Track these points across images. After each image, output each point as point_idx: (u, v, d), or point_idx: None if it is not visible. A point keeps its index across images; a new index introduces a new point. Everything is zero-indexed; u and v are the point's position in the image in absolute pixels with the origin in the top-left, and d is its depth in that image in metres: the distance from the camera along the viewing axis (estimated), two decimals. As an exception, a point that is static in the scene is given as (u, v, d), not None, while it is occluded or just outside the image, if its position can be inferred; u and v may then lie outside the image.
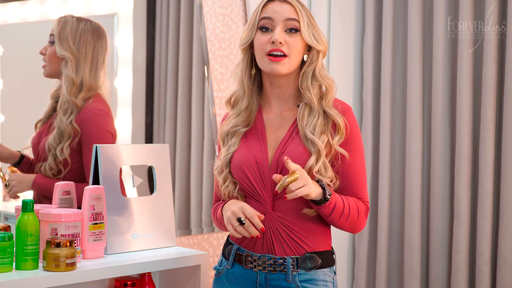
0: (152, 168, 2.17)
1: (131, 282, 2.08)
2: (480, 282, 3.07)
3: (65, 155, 2.49)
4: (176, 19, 3.18)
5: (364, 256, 3.50)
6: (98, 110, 2.53)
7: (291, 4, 1.93)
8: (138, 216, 2.11)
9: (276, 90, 1.98)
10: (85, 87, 2.55)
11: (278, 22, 1.91)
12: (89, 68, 2.57)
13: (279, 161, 1.91)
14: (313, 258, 1.93)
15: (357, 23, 3.60)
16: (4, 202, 2.94)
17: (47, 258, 1.80)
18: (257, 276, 1.94)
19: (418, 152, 3.30)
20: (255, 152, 1.94)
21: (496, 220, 3.11)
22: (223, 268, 2.01)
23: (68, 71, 2.53)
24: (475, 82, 3.16)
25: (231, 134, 1.99)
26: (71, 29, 2.56)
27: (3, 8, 2.98)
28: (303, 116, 1.93)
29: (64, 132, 2.51)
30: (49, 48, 2.59)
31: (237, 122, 1.98)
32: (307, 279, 1.93)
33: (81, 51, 2.56)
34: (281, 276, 1.92)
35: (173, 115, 3.19)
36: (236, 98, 2.02)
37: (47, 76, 2.62)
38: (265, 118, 1.99)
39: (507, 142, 3.01)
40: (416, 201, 3.29)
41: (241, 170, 1.94)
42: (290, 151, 1.91)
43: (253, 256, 1.94)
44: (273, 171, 1.91)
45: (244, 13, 3.36)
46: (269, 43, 1.90)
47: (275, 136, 1.96)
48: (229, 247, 2.01)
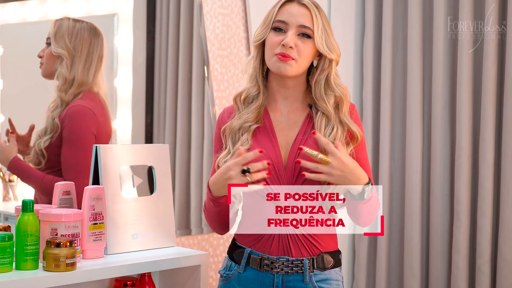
0: (152, 168, 2.17)
1: (131, 282, 2.08)
2: (480, 282, 3.07)
3: (42, 147, 2.51)
4: (176, 19, 3.18)
5: (364, 256, 3.50)
6: (81, 107, 2.52)
7: (309, 9, 1.90)
8: (138, 216, 2.11)
9: (282, 90, 1.97)
10: (76, 82, 2.56)
11: (292, 26, 1.89)
12: (83, 65, 2.57)
13: (296, 162, 1.88)
14: (327, 258, 1.94)
15: (357, 23, 3.60)
16: (4, 202, 2.94)
17: (47, 258, 1.80)
18: (273, 279, 1.93)
19: (418, 152, 3.30)
20: (269, 152, 1.91)
21: (496, 220, 3.11)
22: (234, 273, 1.97)
23: (62, 68, 2.55)
24: (475, 82, 3.16)
25: (243, 130, 1.94)
26: (68, 27, 2.58)
27: (3, 8, 2.98)
28: (321, 126, 1.91)
29: (48, 127, 2.54)
30: (47, 49, 2.61)
31: (248, 118, 1.94)
32: (322, 279, 1.93)
33: (77, 48, 2.57)
34: (298, 277, 1.92)
35: (173, 115, 3.19)
36: (248, 95, 1.97)
37: (44, 76, 2.64)
38: (272, 118, 1.97)
39: (507, 142, 3.01)
40: (416, 201, 3.29)
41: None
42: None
43: (269, 258, 1.93)
44: (289, 172, 1.90)
45: (244, 13, 3.36)
46: (279, 45, 1.89)
47: (284, 136, 1.95)
48: (239, 251, 1.98)
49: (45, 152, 2.53)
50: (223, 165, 1.86)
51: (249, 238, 1.96)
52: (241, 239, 1.98)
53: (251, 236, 1.96)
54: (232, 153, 1.92)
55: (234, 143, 1.94)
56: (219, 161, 1.94)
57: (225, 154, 1.94)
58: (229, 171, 1.82)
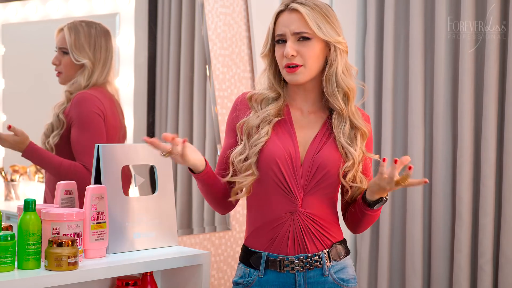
0: (154, 168, 2.18)
1: (133, 281, 2.08)
2: (482, 281, 3.07)
3: (52, 144, 2.53)
4: (177, 19, 3.18)
5: (366, 255, 3.50)
6: (82, 94, 2.55)
7: (299, 11, 1.92)
8: (140, 215, 2.11)
9: (300, 93, 2.01)
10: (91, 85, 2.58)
11: (288, 36, 1.93)
12: (101, 70, 2.61)
13: (315, 159, 1.93)
14: (340, 247, 2.00)
15: (359, 23, 3.60)
16: (6, 201, 2.94)
17: (49, 257, 1.80)
18: (295, 278, 1.95)
19: (420, 151, 3.29)
20: (287, 146, 1.94)
21: (498, 219, 3.10)
22: (254, 278, 1.98)
23: (82, 76, 2.59)
24: (476, 81, 3.16)
25: (263, 123, 1.95)
26: (85, 36, 2.60)
27: (4, 8, 2.99)
28: (338, 126, 1.96)
29: (53, 123, 2.56)
30: (63, 58, 2.61)
31: (270, 112, 1.96)
32: (339, 268, 1.99)
33: (97, 55, 2.60)
34: (317, 272, 1.96)
35: (175, 114, 3.19)
36: (265, 97, 1.99)
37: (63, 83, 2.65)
38: (292, 113, 2.00)
39: (508, 141, 3.01)
40: (418, 199, 3.29)
41: (274, 163, 1.93)
42: (326, 154, 1.94)
43: (288, 259, 1.95)
44: (305, 168, 1.93)
45: (246, 13, 3.36)
46: (284, 58, 1.93)
47: (303, 134, 1.98)
48: (255, 256, 1.99)
49: (55, 149, 2.54)
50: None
51: (263, 241, 1.98)
52: (254, 244, 2.00)
53: (265, 237, 1.97)
54: (250, 146, 1.95)
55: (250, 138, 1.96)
56: (233, 156, 1.96)
57: (240, 150, 1.96)
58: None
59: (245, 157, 1.94)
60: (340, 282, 1.98)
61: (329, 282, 1.97)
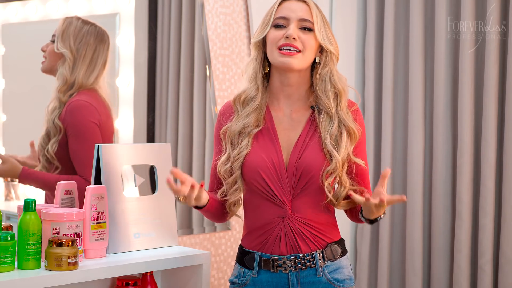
0: (154, 168, 2.17)
1: (133, 281, 2.08)
2: (482, 281, 3.07)
3: (51, 153, 2.51)
4: (177, 19, 3.18)
5: (365, 255, 3.50)
6: (78, 102, 2.52)
7: (307, 3, 1.94)
8: (140, 215, 2.11)
9: (286, 89, 1.98)
10: (76, 85, 2.56)
11: (292, 20, 1.92)
12: (86, 69, 2.57)
13: (298, 164, 1.91)
14: (335, 248, 1.99)
15: (359, 23, 3.60)
16: (6, 201, 2.94)
17: (49, 257, 1.80)
18: (288, 278, 1.95)
19: (420, 151, 3.30)
20: (270, 154, 1.93)
21: (498, 219, 3.11)
22: (248, 278, 1.99)
23: (64, 69, 2.55)
24: (476, 82, 3.16)
25: (243, 135, 1.96)
26: (75, 29, 2.58)
27: (4, 8, 2.99)
28: (325, 126, 1.94)
29: (50, 130, 2.53)
30: (51, 45, 2.61)
31: (248, 122, 1.96)
32: (334, 269, 1.97)
33: (80, 52, 2.57)
34: (311, 272, 1.95)
35: (175, 114, 3.19)
36: (247, 96, 1.98)
37: (44, 71, 2.64)
38: (274, 117, 1.99)
39: (509, 141, 3.01)
40: (418, 200, 3.29)
41: (257, 174, 1.93)
42: (309, 157, 1.92)
43: (281, 258, 1.95)
44: (290, 173, 1.92)
45: (246, 13, 3.36)
46: (282, 38, 1.91)
47: (286, 137, 1.96)
48: (249, 256, 2.00)
49: (56, 157, 2.53)
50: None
51: (256, 241, 1.98)
52: (248, 244, 2.00)
53: (258, 240, 1.98)
54: (232, 159, 1.95)
55: (234, 147, 1.96)
56: (219, 166, 1.97)
57: (224, 159, 1.97)
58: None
59: (230, 169, 1.96)
60: (334, 282, 1.97)
61: (323, 282, 1.96)
